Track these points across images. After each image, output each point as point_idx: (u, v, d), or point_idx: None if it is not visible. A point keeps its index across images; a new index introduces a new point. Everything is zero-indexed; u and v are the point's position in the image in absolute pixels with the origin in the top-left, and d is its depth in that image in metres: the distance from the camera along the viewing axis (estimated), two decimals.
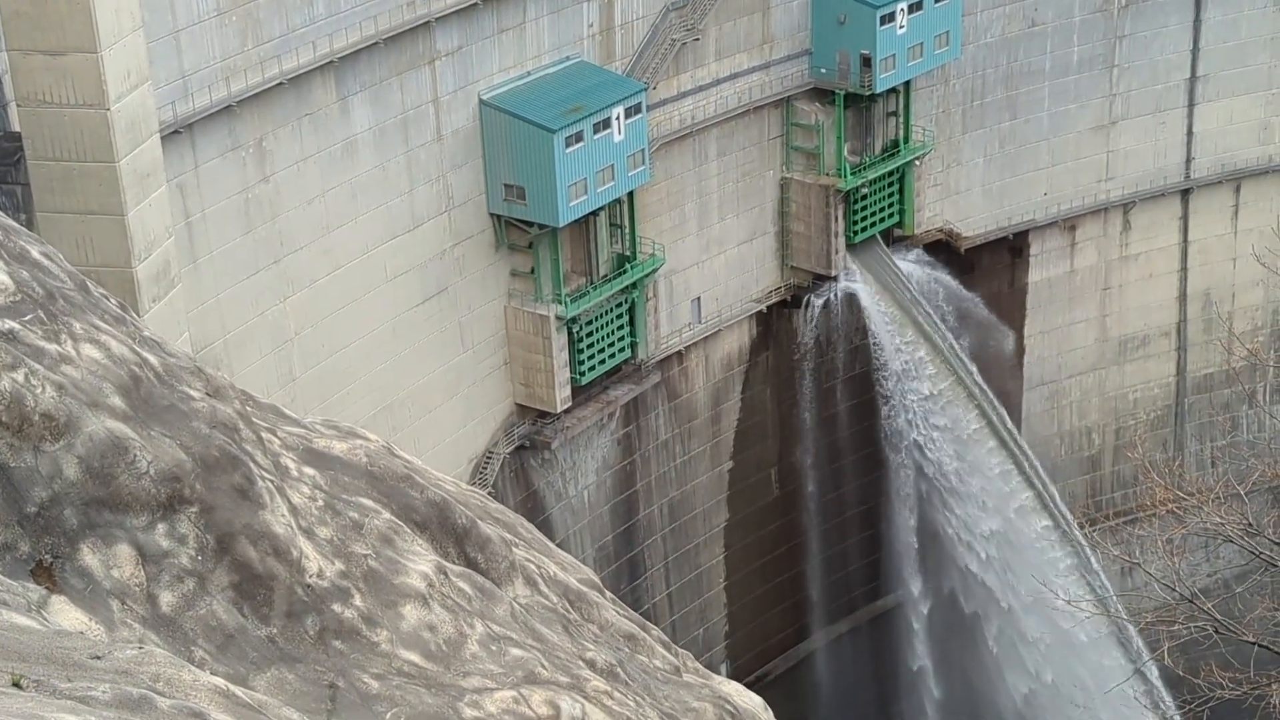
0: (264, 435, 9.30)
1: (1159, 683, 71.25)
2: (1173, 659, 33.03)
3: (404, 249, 65.49)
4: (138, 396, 8.40)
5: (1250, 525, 31.32)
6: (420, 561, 9.33)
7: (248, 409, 9.41)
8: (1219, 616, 30.94)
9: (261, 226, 60.15)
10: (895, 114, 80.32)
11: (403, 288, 65.90)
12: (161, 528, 8.05)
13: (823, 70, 76.94)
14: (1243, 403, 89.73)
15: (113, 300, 9.48)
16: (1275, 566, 31.08)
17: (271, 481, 8.77)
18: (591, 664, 9.87)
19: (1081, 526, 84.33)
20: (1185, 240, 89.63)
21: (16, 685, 6.47)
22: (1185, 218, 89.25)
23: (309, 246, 61.96)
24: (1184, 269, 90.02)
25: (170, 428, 8.40)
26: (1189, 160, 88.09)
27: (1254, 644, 30.67)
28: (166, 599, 7.93)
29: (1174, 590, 32.30)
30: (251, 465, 8.64)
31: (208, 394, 8.93)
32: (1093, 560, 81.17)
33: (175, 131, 55.81)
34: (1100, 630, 77.95)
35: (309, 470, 9.53)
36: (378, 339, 65.29)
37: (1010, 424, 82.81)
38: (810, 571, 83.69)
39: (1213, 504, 32.10)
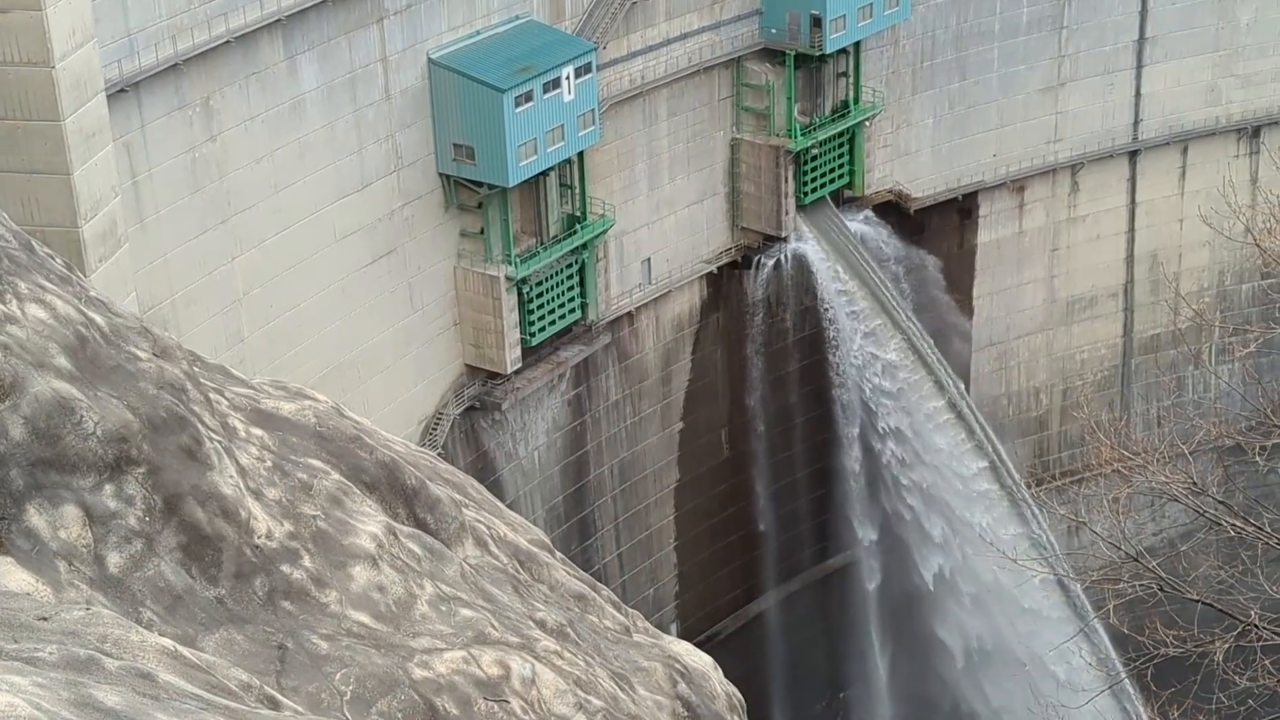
0: (211, 396, 9.26)
1: (1105, 639, 71.96)
2: (1118, 617, 33.38)
3: (353, 209, 65.19)
4: (84, 357, 8.35)
5: (1195, 484, 31.63)
6: (369, 522, 9.32)
7: (195, 369, 9.36)
8: (1164, 575, 31.26)
9: (209, 186, 59.74)
10: (845, 75, 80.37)
11: (351, 248, 65.61)
12: (109, 489, 8.01)
13: (773, 30, 76.85)
14: (1188, 363, 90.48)
15: (58, 260, 9.40)
16: (1219, 525, 31.41)
17: (219, 442, 8.74)
18: (542, 624, 9.90)
19: (1029, 486, 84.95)
20: (1133, 202, 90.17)
21: None
22: (1133, 179, 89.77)
23: (257, 206, 61.59)
24: (1131, 230, 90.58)
25: (117, 388, 8.35)
26: (1137, 122, 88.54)
27: (1198, 602, 31.01)
28: (114, 560, 7.90)
29: (1119, 549, 32.61)
30: (199, 426, 8.60)
31: (155, 354, 8.88)
32: (1040, 520, 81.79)
33: (121, 90, 55.29)
34: (1049, 589, 78.61)
35: (257, 431, 9.50)
36: (327, 299, 65.01)
37: (959, 384, 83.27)
38: (760, 532, 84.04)
39: (1158, 464, 32.40)
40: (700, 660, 11.30)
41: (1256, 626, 29.05)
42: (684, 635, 52.36)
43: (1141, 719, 64.76)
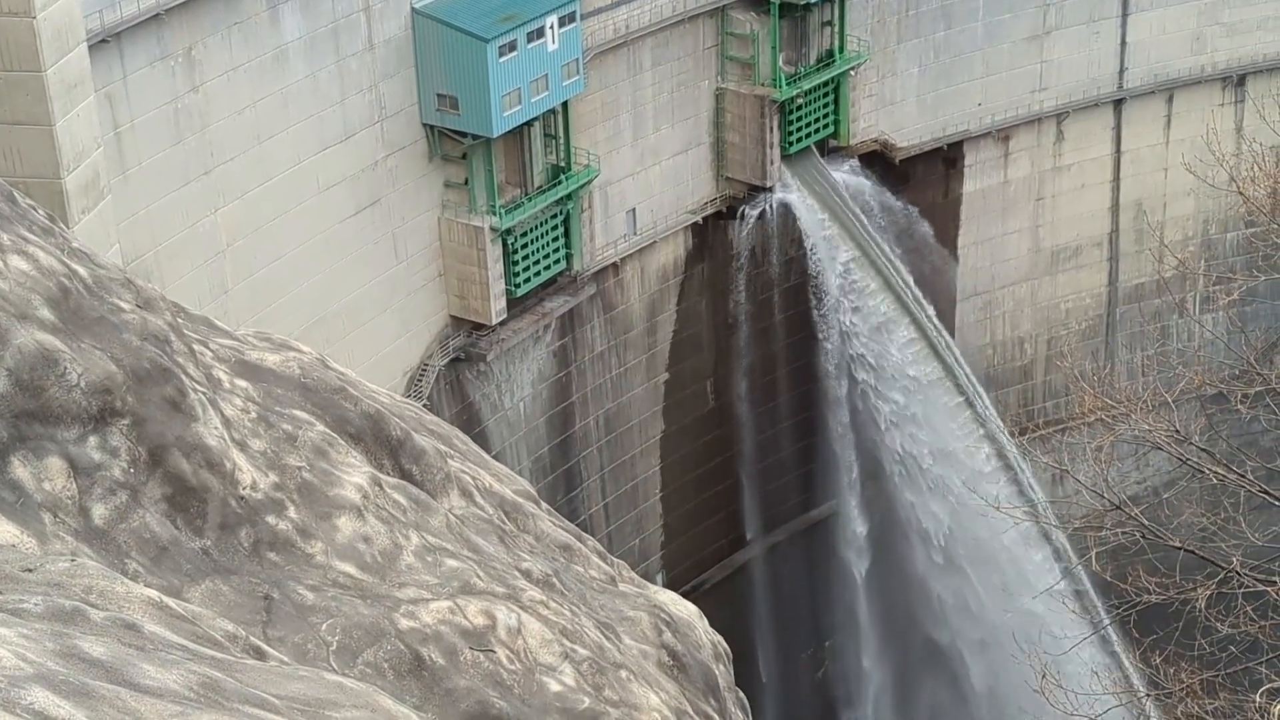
0: (196, 347, 9.25)
1: (1089, 586, 72.33)
2: (1101, 565, 33.57)
3: (336, 160, 64.96)
4: (67, 308, 8.33)
5: (1178, 433, 31.77)
6: (354, 473, 9.33)
7: (179, 321, 9.35)
8: (1146, 522, 31.43)
9: (191, 137, 59.48)
10: (830, 24, 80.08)
11: (335, 199, 65.42)
12: (93, 440, 8.01)
13: None
14: (1173, 312, 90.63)
15: (41, 211, 9.37)
16: (1202, 473, 31.56)
17: (204, 394, 8.74)
18: (527, 574, 9.93)
19: (1013, 435, 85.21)
20: (1118, 151, 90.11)
21: None
22: (1118, 128, 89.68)
23: (240, 157, 61.35)
24: (1116, 179, 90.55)
25: (100, 340, 8.34)
26: (1122, 70, 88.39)
27: (1180, 549, 31.20)
28: (99, 512, 7.90)
29: (1103, 497, 32.74)
30: (183, 377, 8.59)
31: (138, 306, 8.86)
32: (1025, 471, 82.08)
33: (103, 40, 54.96)
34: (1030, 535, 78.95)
35: (241, 382, 9.49)
36: (310, 251, 64.86)
37: (945, 334, 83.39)
38: (745, 482, 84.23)
39: (1141, 412, 32.52)
40: (686, 609, 11.35)
41: (1238, 573, 29.23)
42: (670, 585, 52.59)
43: (1125, 666, 65.19)
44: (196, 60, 59.01)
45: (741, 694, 11.63)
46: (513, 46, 66.02)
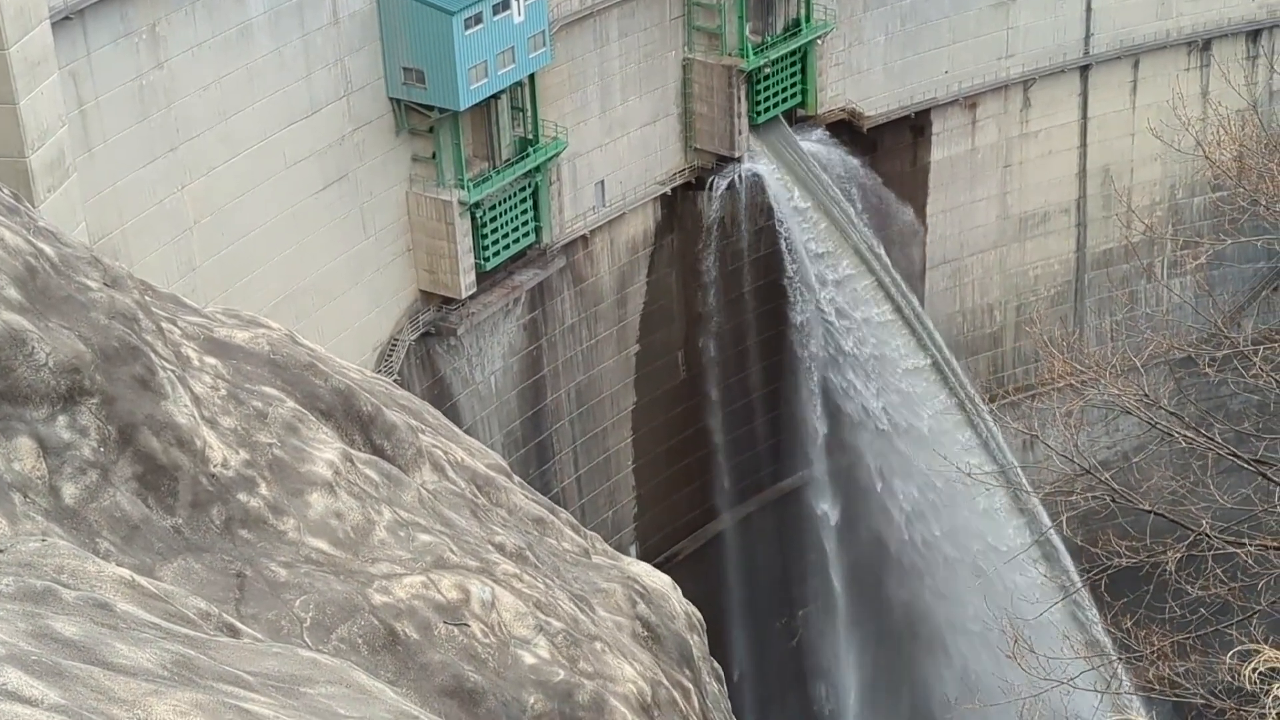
0: (164, 325, 9.22)
1: (1062, 550, 72.69)
2: (1071, 529, 33.74)
3: (303, 135, 64.69)
4: (34, 288, 8.29)
5: (1147, 397, 31.93)
6: (326, 449, 9.32)
7: (147, 299, 9.31)
8: (1116, 486, 31.61)
9: (157, 114, 59.15)
10: None
11: (302, 174, 65.16)
12: (62, 420, 7.98)
13: None
14: (1141, 277, 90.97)
15: (6, 190, 9.31)
16: (1171, 437, 31.73)
17: (173, 371, 8.71)
18: (500, 548, 9.94)
19: (984, 402, 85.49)
20: (1084, 117, 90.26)
21: None
22: (1084, 94, 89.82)
23: (206, 134, 61.05)
24: (1083, 145, 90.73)
25: (68, 319, 8.30)
26: (1088, 36, 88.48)
27: (1150, 512, 31.38)
28: (69, 491, 7.88)
29: (1073, 462, 32.90)
30: (152, 355, 8.56)
31: (105, 284, 8.83)
32: (997, 436, 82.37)
33: (66, 18, 54.57)
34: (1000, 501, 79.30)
35: (211, 360, 9.46)
36: (278, 227, 64.62)
37: (914, 301, 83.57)
38: (717, 453, 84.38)
39: (1110, 377, 32.67)
40: (659, 581, 11.38)
41: (1208, 536, 29.42)
42: (643, 556, 52.66)
43: (1095, 629, 65.56)
44: (160, 37, 58.65)
45: (716, 664, 11.67)
46: (478, 19, 65.78)
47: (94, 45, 56.44)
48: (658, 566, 12.05)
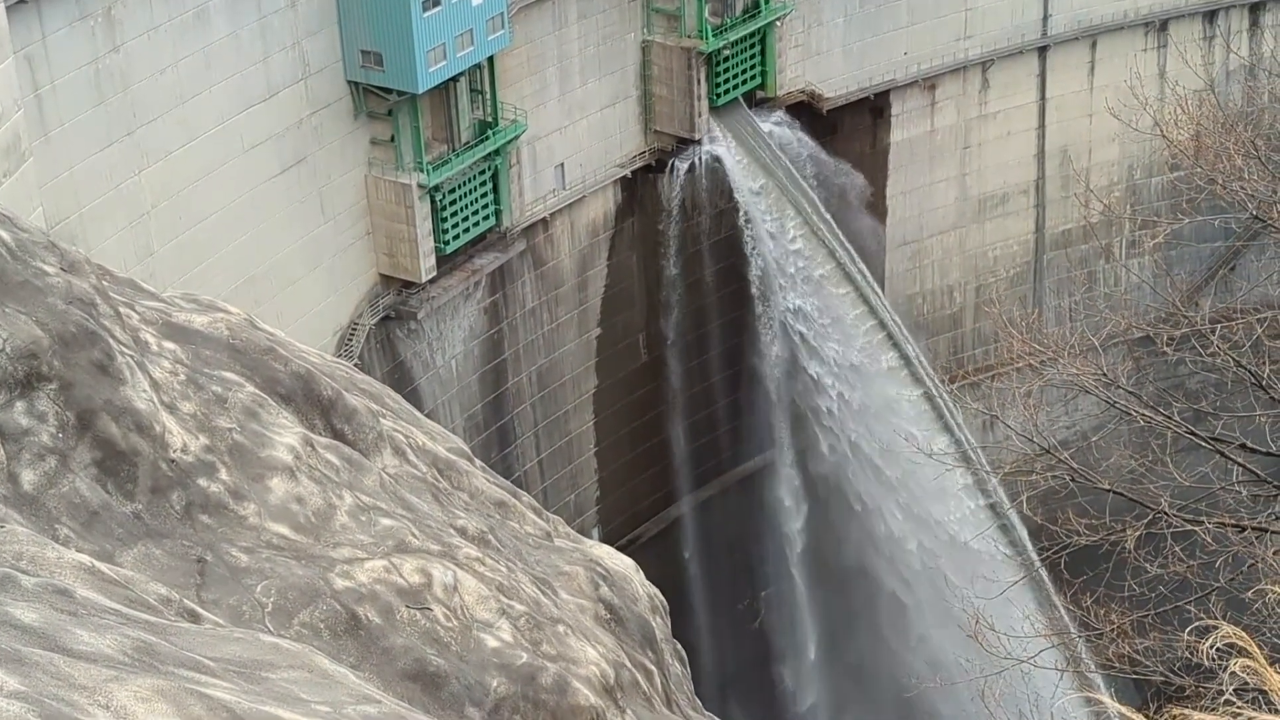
0: (122, 310, 9.17)
1: (1020, 529, 73.10)
2: (1031, 508, 33.93)
3: (260, 118, 64.37)
4: None
5: (1106, 376, 32.10)
6: (286, 434, 9.29)
7: (104, 283, 9.26)
8: (1076, 465, 31.77)
9: (113, 98, 58.76)
10: None
11: (260, 158, 64.85)
12: (20, 406, 7.93)
13: None
14: (1099, 258, 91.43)
15: None
16: (1130, 416, 31.92)
17: (131, 357, 8.66)
18: (463, 532, 9.93)
19: (944, 383, 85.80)
20: (1043, 98, 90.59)
21: None
22: (1043, 75, 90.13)
23: (163, 117, 60.69)
24: (1042, 126, 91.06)
25: (25, 304, 8.25)
26: (1046, 17, 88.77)
27: (1109, 491, 31.57)
28: (28, 477, 7.83)
29: (1032, 441, 33.07)
30: (110, 341, 8.51)
31: (63, 269, 8.77)
32: (956, 416, 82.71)
33: (20, 1, 54.13)
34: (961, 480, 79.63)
35: (169, 345, 9.42)
36: (236, 211, 64.32)
37: (873, 283, 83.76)
38: (678, 436, 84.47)
39: (1069, 356, 32.83)
40: (622, 563, 11.39)
41: (1166, 514, 29.62)
42: (606, 539, 52.70)
43: (1056, 608, 65.97)
44: (116, 20, 58.25)
45: (679, 645, 11.69)
46: (436, 1, 65.54)
47: (49, 29, 56.02)
48: (620, 549, 12.06)
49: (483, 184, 72.46)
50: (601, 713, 9.16)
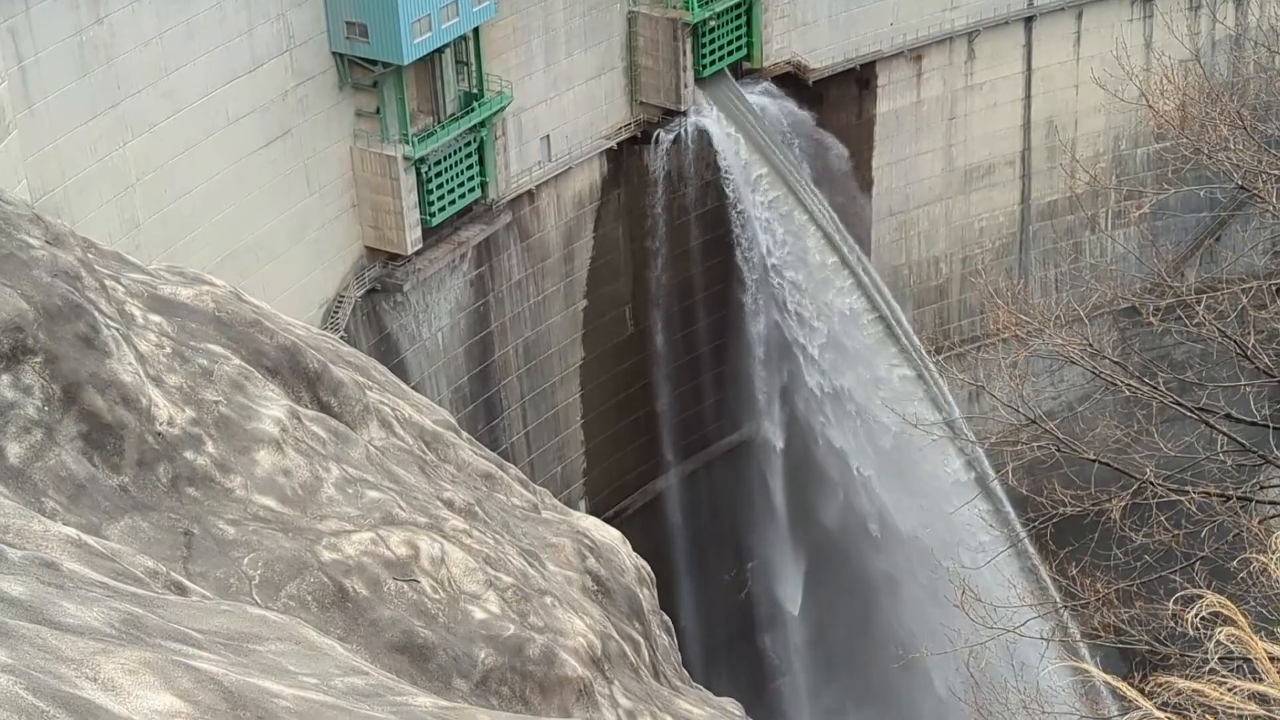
0: (108, 283, 9.14)
1: (1005, 501, 73.26)
2: (1017, 479, 34.01)
3: (245, 90, 64.14)
4: None
5: (1091, 347, 32.15)
6: (272, 407, 9.28)
7: (89, 256, 9.23)
8: (1061, 436, 31.84)
9: (98, 70, 58.51)
10: None
11: (245, 130, 64.64)
12: (5, 379, 7.92)
13: None
14: (1085, 228, 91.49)
15: None
16: (1115, 386, 31.98)
17: (117, 330, 8.65)
18: (449, 504, 9.94)
19: (930, 354, 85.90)
20: (1029, 68, 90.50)
21: None
22: (1029, 45, 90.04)
23: (147, 90, 60.46)
24: (1028, 97, 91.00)
25: (10, 277, 8.22)
26: None
27: (1095, 461, 31.64)
28: (14, 451, 7.82)
29: (1018, 412, 33.12)
30: (96, 314, 8.50)
31: (47, 242, 8.75)
32: (942, 388, 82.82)
33: None
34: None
35: (155, 317, 9.40)
36: (221, 183, 64.14)
37: (860, 254, 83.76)
38: (665, 407, 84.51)
39: (1055, 327, 32.88)
40: (609, 535, 11.41)
41: (1152, 484, 29.71)
42: (592, 511, 52.74)
43: (1041, 578, 66.21)
44: None
45: (666, 617, 11.72)
46: None
47: (33, 1, 55.75)
48: (607, 521, 12.08)
49: (468, 156, 72.31)
50: (589, 684, 9.18)
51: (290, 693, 5.59)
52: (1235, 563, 23.38)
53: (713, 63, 79.73)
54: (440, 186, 71.06)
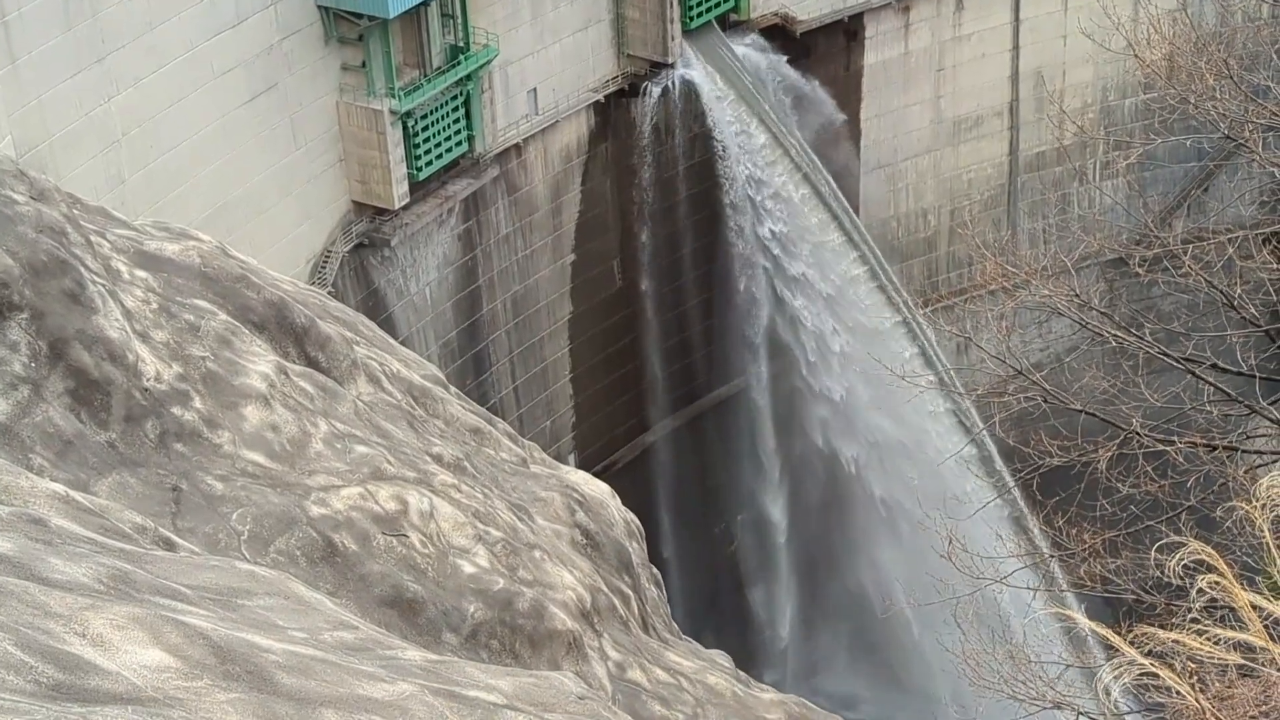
0: (93, 239, 9.12)
1: (993, 451, 73.45)
2: (1005, 430, 34.10)
3: (230, 44, 63.80)
4: None
5: (1079, 298, 32.20)
6: (260, 362, 9.27)
7: (75, 212, 9.21)
8: (1048, 387, 31.93)
9: (81, 24, 58.17)
10: None
11: (230, 85, 64.34)
12: None
13: None
14: (1073, 180, 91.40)
15: None
16: (1102, 337, 32.05)
17: (103, 285, 8.63)
18: (438, 459, 9.95)
19: (919, 306, 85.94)
20: (1017, 19, 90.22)
21: None
22: None
23: (132, 44, 60.12)
24: (1016, 48, 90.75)
25: None
26: None
27: (1081, 412, 31.75)
28: (1, 407, 7.82)
29: (1005, 364, 33.19)
30: (82, 269, 8.48)
31: (32, 198, 8.72)
32: (930, 338, 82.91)
33: None
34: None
35: (141, 273, 9.38)
36: (207, 138, 63.88)
37: (848, 207, 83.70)
38: (653, 361, 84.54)
39: (1042, 279, 32.91)
40: (598, 489, 11.44)
41: (1138, 434, 29.81)
42: (581, 465, 52.79)
43: (1028, 528, 66.46)
44: None
45: (655, 570, 11.76)
46: None
47: None
48: (596, 475, 12.11)
49: (455, 110, 72.05)
50: (578, 637, 9.22)
51: (280, 647, 5.61)
52: (1220, 511, 23.50)
53: (700, 15, 79.43)
54: (427, 140, 70.83)
